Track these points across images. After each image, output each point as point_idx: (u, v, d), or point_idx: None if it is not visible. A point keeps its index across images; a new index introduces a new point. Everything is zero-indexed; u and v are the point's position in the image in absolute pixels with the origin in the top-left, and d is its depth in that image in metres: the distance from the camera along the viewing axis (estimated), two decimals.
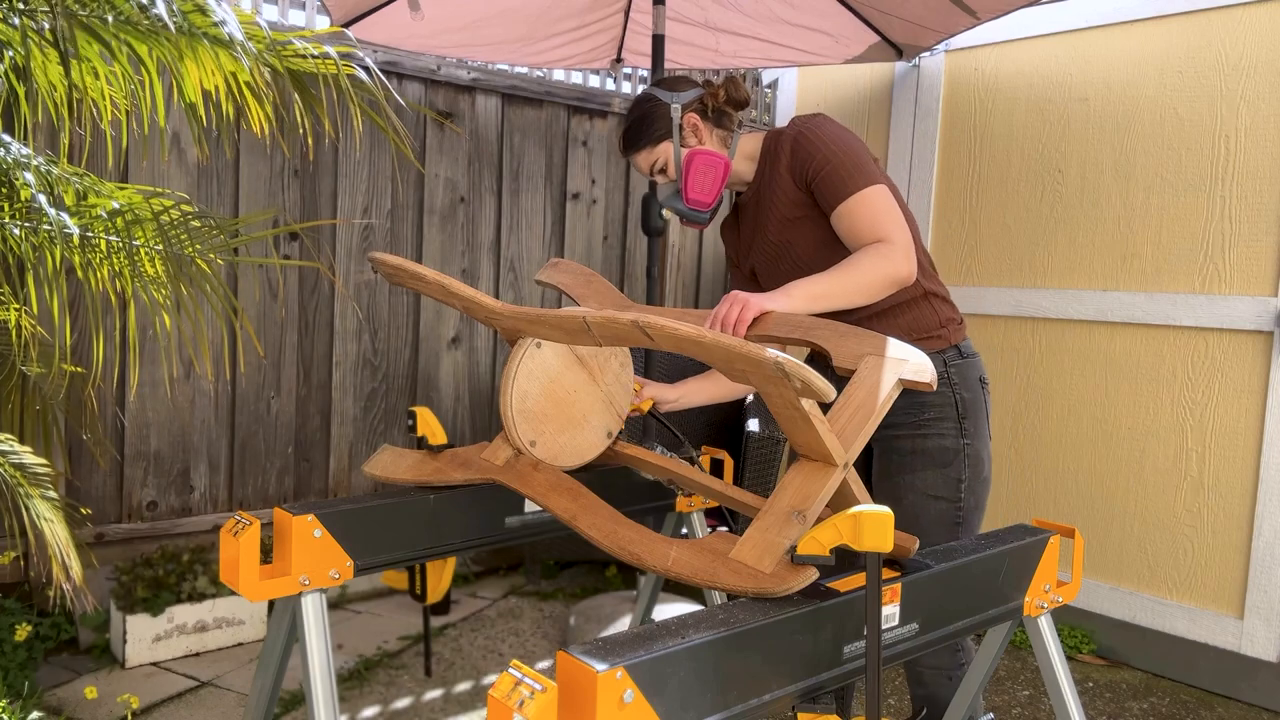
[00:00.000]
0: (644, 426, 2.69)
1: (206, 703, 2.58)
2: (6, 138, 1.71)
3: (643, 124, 1.81)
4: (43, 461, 1.78)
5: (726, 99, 1.82)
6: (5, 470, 1.70)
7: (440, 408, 3.69)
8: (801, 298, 1.53)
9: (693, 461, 1.75)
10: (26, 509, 1.69)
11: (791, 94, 4.07)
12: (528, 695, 0.86)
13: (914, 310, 1.77)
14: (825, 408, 1.34)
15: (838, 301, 1.57)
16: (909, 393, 1.76)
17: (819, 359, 1.91)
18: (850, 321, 1.77)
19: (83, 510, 2.90)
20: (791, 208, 1.76)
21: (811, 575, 1.09)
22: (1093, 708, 2.77)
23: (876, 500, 1.83)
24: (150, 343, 3.01)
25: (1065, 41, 3.20)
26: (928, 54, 3.49)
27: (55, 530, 1.68)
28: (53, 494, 1.78)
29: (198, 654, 2.87)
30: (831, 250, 1.74)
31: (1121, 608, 3.08)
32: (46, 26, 1.62)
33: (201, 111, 1.75)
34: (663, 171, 1.83)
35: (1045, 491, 3.28)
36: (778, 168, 1.77)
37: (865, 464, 1.91)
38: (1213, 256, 2.89)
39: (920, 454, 1.76)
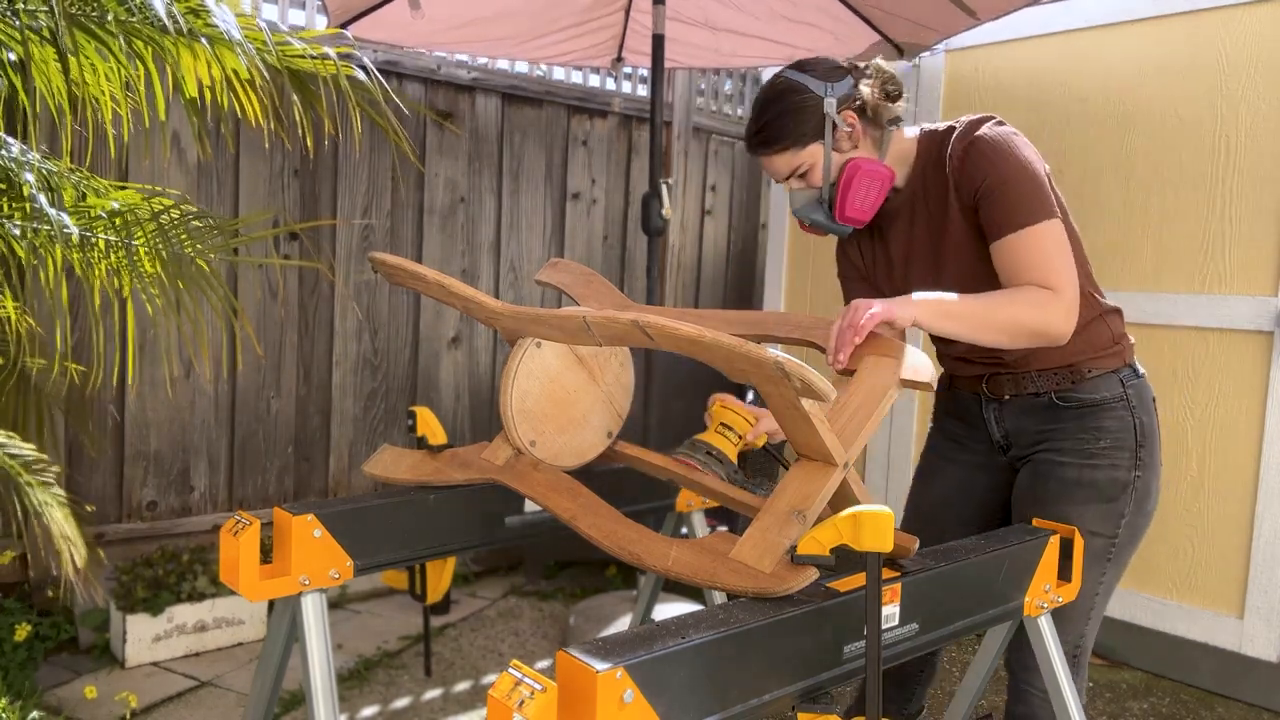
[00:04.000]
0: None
1: (206, 703, 2.58)
2: (9, 138, 1.71)
3: (788, 120, 1.52)
4: (43, 457, 1.78)
5: (883, 93, 1.55)
6: (7, 463, 1.70)
7: (440, 408, 3.69)
8: (929, 310, 1.37)
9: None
10: (29, 502, 1.69)
11: None
12: (528, 695, 0.86)
13: (1089, 329, 1.59)
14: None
15: (969, 330, 1.39)
16: (1085, 417, 1.60)
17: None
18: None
19: (88, 507, 2.90)
20: (959, 222, 1.54)
21: (811, 575, 1.09)
22: (1093, 708, 2.77)
23: (1017, 523, 1.66)
24: (150, 342, 3.01)
25: (1065, 41, 3.20)
26: (928, 54, 3.49)
27: (60, 519, 1.68)
28: (56, 488, 1.78)
29: (198, 654, 2.87)
30: (989, 283, 1.53)
31: (1121, 608, 3.08)
32: (44, 25, 1.62)
33: (201, 107, 1.76)
34: (803, 176, 1.56)
35: None
36: (941, 176, 1.54)
37: (1008, 481, 1.74)
38: (1213, 256, 2.89)
39: (1087, 486, 1.58)
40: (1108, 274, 3.11)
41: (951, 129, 1.56)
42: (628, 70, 4.21)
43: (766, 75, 4.69)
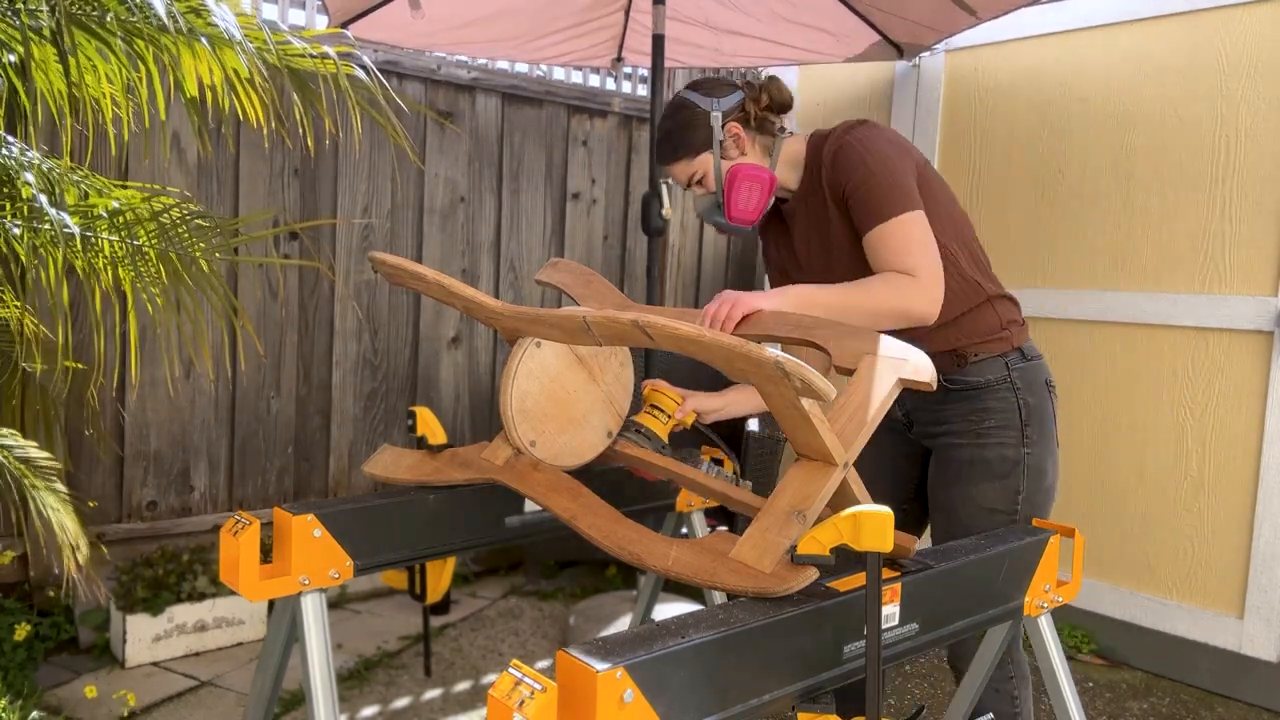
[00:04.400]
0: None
1: (206, 703, 2.58)
2: (9, 138, 1.71)
3: (680, 134, 1.69)
4: (47, 455, 1.78)
5: (769, 103, 1.71)
6: (10, 463, 1.70)
7: (440, 408, 3.69)
8: (796, 301, 1.48)
9: (737, 479, 1.64)
10: (33, 500, 1.69)
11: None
12: (528, 695, 0.86)
13: (975, 315, 1.70)
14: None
15: (836, 317, 1.48)
16: (972, 399, 1.71)
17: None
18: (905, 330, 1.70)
19: (90, 504, 2.90)
20: (837, 220, 1.67)
21: (811, 575, 1.09)
22: (1093, 708, 2.77)
23: (931, 509, 1.79)
24: (151, 342, 3.01)
25: (1065, 41, 3.20)
26: (928, 53, 3.49)
27: (63, 518, 1.68)
28: (59, 486, 1.78)
29: (198, 654, 2.87)
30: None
31: (1121, 608, 3.08)
32: (44, 25, 1.62)
33: (201, 106, 1.76)
34: (700, 183, 1.72)
35: None
36: (820, 178, 1.67)
37: (921, 468, 1.86)
38: (1213, 256, 2.89)
39: (979, 464, 1.69)
40: (1108, 274, 3.11)
41: (833, 131, 1.69)
42: (628, 70, 4.21)
43: (767, 76, 4.69)
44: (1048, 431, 1.71)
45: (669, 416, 1.66)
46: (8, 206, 1.69)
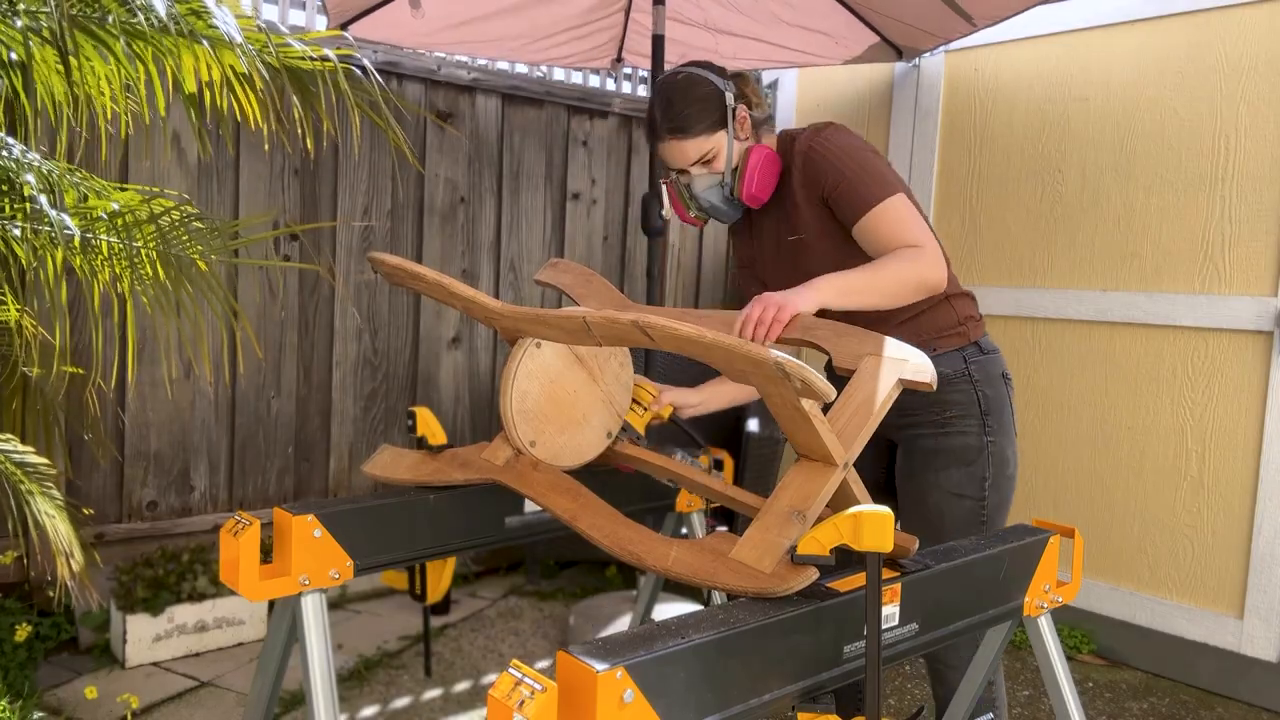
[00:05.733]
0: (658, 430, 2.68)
1: (206, 703, 2.58)
2: (9, 140, 1.71)
3: (700, 107, 1.68)
4: (45, 461, 1.78)
5: (758, 97, 1.79)
6: (8, 468, 1.70)
7: (440, 408, 3.69)
8: (831, 291, 1.49)
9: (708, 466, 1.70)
10: (29, 505, 1.69)
11: (791, 94, 4.07)
12: (528, 695, 0.86)
13: (934, 312, 1.75)
14: (826, 408, 1.34)
15: (867, 299, 1.52)
16: (932, 392, 1.76)
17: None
18: (870, 328, 1.75)
19: (85, 511, 2.90)
20: (809, 220, 1.72)
21: (811, 575, 1.09)
22: (1093, 708, 2.77)
23: (901, 500, 1.82)
24: (150, 343, 3.01)
25: (1065, 42, 3.20)
26: (927, 54, 3.49)
27: (58, 525, 1.68)
28: (55, 493, 1.78)
29: (198, 654, 2.87)
30: (851, 260, 1.68)
31: (1121, 608, 3.08)
32: (44, 26, 1.62)
33: (201, 107, 1.76)
34: (708, 162, 1.71)
35: (1045, 491, 3.28)
36: (790, 179, 1.73)
37: (889, 463, 1.89)
38: (1213, 256, 2.89)
39: (944, 453, 1.74)
40: (1108, 274, 3.11)
41: (800, 134, 1.74)
42: (628, 70, 4.21)
43: (766, 76, 4.70)
44: (1006, 421, 1.77)
45: (644, 409, 1.69)
46: (8, 208, 1.69)
